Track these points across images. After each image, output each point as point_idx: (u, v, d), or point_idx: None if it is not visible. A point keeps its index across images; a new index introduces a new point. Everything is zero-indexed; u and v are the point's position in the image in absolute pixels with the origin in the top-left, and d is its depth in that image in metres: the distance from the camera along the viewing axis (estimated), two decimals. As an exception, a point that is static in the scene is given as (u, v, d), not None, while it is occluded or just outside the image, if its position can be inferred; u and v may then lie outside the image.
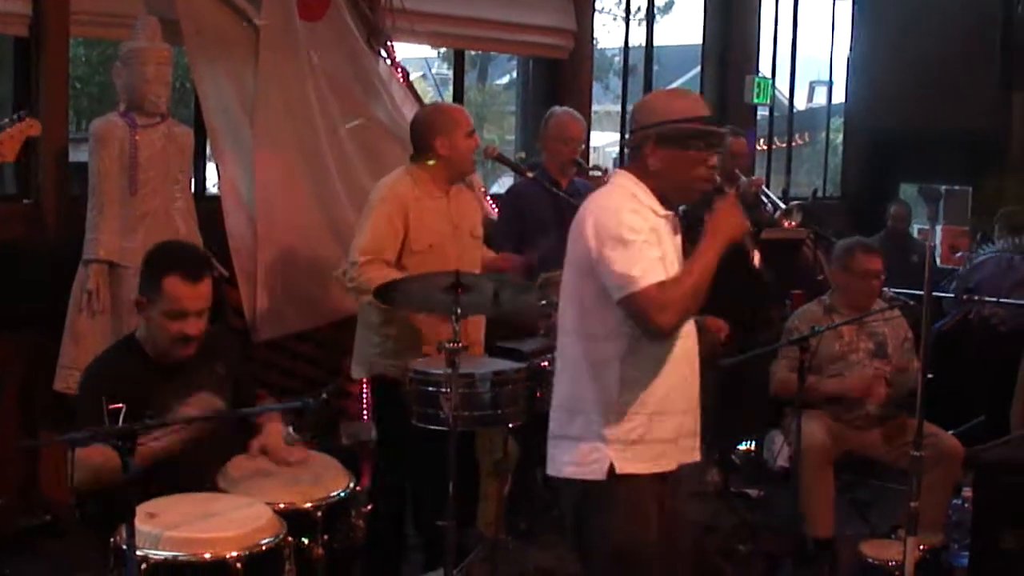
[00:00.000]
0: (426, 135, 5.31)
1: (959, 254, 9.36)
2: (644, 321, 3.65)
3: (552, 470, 3.94)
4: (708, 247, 3.71)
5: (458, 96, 8.80)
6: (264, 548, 3.64)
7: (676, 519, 4.01)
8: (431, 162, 5.28)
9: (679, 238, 3.92)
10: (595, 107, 9.57)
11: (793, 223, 7.69)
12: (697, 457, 3.98)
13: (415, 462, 5.23)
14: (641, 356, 3.75)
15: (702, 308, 3.79)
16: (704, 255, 3.70)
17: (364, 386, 6.45)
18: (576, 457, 3.82)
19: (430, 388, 4.73)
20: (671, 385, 3.82)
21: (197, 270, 4.26)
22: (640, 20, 10.95)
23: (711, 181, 3.79)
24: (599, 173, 6.40)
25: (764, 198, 7.87)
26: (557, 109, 6.72)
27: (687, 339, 3.88)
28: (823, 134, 14.04)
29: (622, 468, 3.74)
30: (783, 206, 7.75)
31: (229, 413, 4.25)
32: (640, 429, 3.76)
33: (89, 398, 4.00)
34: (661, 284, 3.61)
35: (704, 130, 3.77)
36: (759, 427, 7.47)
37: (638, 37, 10.58)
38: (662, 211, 3.80)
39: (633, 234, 3.64)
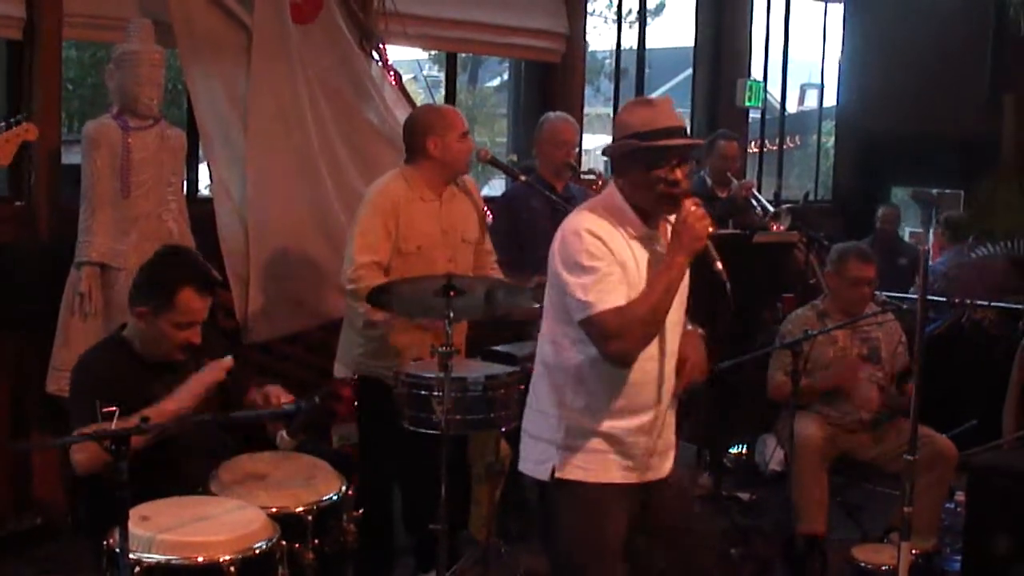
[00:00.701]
0: (419, 136, 5.30)
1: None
2: (600, 347, 3.69)
3: (519, 465, 4.02)
4: (671, 263, 3.71)
5: (450, 99, 8.80)
6: (257, 552, 3.65)
7: (685, 534, 4.05)
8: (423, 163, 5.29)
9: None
10: (586, 110, 9.54)
11: (782, 227, 7.73)
12: (663, 474, 3.98)
13: (405, 465, 5.23)
14: (601, 371, 3.77)
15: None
16: (667, 272, 3.71)
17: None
18: (532, 455, 3.93)
19: (422, 392, 4.73)
20: (628, 405, 3.82)
21: (209, 282, 4.35)
22: (632, 23, 10.94)
23: (675, 192, 3.73)
24: (592, 177, 6.40)
25: (755, 202, 7.89)
26: (551, 114, 6.74)
27: (657, 362, 3.84)
28: (814, 137, 14.05)
29: (561, 472, 3.82)
30: (772, 210, 7.78)
31: (224, 417, 4.25)
32: (584, 439, 3.81)
33: (81, 396, 4.01)
34: (619, 310, 3.64)
35: (642, 147, 3.71)
36: (750, 431, 7.48)
37: (629, 40, 10.58)
38: (640, 231, 3.79)
39: (592, 260, 3.67)
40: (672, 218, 3.80)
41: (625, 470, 3.85)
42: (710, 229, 3.74)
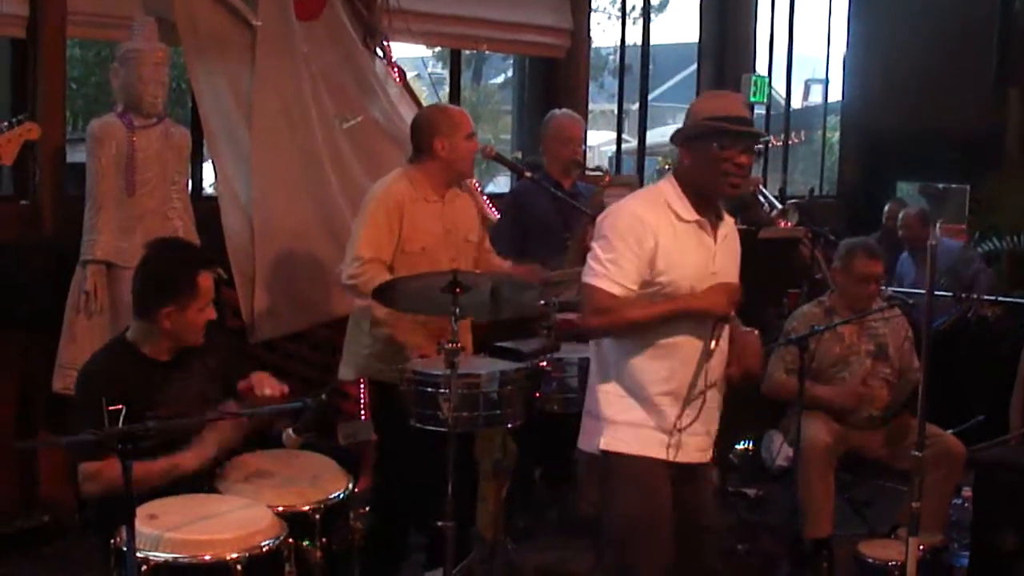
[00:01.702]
0: (426, 135, 5.29)
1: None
2: (582, 312, 3.99)
3: (579, 442, 4.20)
4: (689, 302, 3.92)
5: (454, 96, 8.80)
6: (264, 550, 3.65)
7: (701, 525, 4.16)
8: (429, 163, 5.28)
9: (721, 242, 4.05)
10: (590, 106, 9.55)
11: (790, 223, 7.71)
12: (706, 459, 4.13)
13: (414, 463, 5.22)
14: (644, 349, 3.95)
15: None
16: (679, 304, 3.92)
17: (361, 386, 6.44)
18: (585, 431, 4.12)
19: (429, 389, 4.72)
20: (669, 383, 3.97)
21: (210, 259, 4.48)
22: (636, 19, 10.94)
23: (738, 176, 3.92)
24: (599, 173, 6.39)
25: (761, 198, 7.88)
26: (557, 111, 6.73)
27: (701, 347, 3.97)
28: (819, 133, 14.03)
29: (607, 445, 4.01)
30: (779, 206, 7.76)
31: (234, 414, 4.24)
32: (628, 412, 3.98)
33: (87, 400, 3.99)
34: (614, 296, 3.86)
35: (719, 128, 3.88)
36: (757, 426, 7.46)
37: (634, 36, 10.58)
38: (692, 216, 3.96)
39: (620, 238, 3.89)
40: (724, 215, 4.07)
41: (671, 447, 3.98)
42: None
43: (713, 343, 3.93)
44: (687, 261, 3.93)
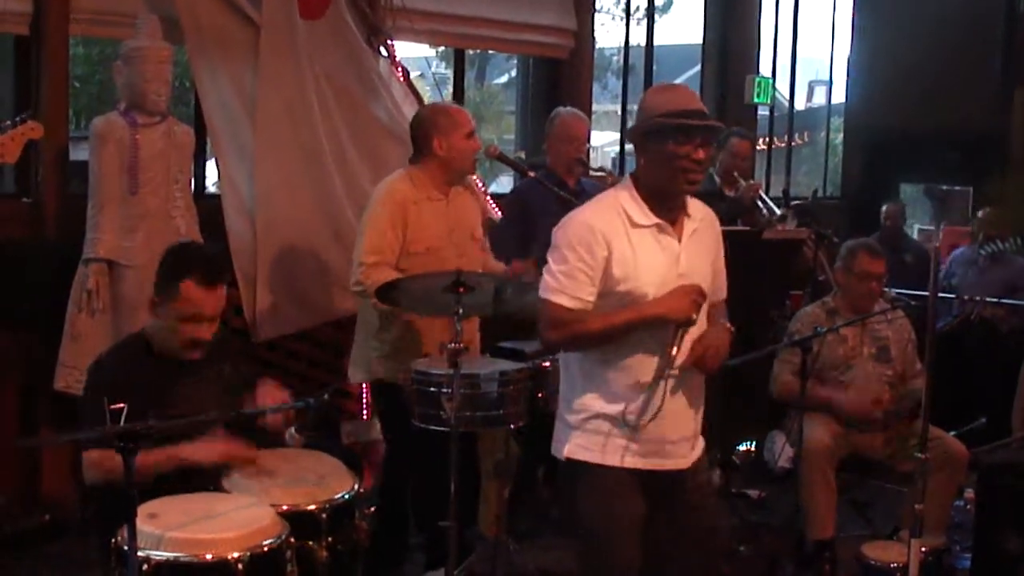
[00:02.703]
0: (424, 134, 5.29)
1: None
2: (539, 327, 3.90)
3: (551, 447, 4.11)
4: (645, 311, 3.80)
5: (458, 95, 8.78)
6: (266, 549, 3.63)
7: (705, 532, 4.09)
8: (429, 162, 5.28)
9: (688, 240, 3.91)
10: (594, 107, 9.53)
11: (788, 228, 7.71)
12: (685, 465, 3.99)
13: (417, 463, 5.22)
14: (605, 354, 3.86)
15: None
16: (638, 312, 3.80)
17: (364, 386, 6.44)
18: (555, 435, 4.04)
19: (432, 389, 4.71)
20: (632, 389, 3.86)
21: (215, 274, 4.26)
22: (640, 19, 10.93)
23: (696, 172, 3.80)
24: (603, 173, 6.39)
25: (760, 203, 7.88)
26: (562, 110, 6.72)
27: (660, 352, 3.85)
28: (823, 134, 14.03)
29: (570, 452, 3.94)
30: (779, 212, 7.77)
31: (234, 414, 4.23)
32: (591, 420, 3.90)
33: (93, 397, 3.99)
34: (570, 310, 3.79)
35: (671, 124, 3.75)
36: (759, 427, 7.46)
37: (638, 36, 10.57)
38: (648, 220, 3.84)
39: (572, 250, 3.80)
40: (691, 209, 3.92)
41: (634, 455, 3.88)
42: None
43: (675, 349, 3.80)
44: (647, 266, 3.80)
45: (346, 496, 4.14)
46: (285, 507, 3.92)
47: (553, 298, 3.80)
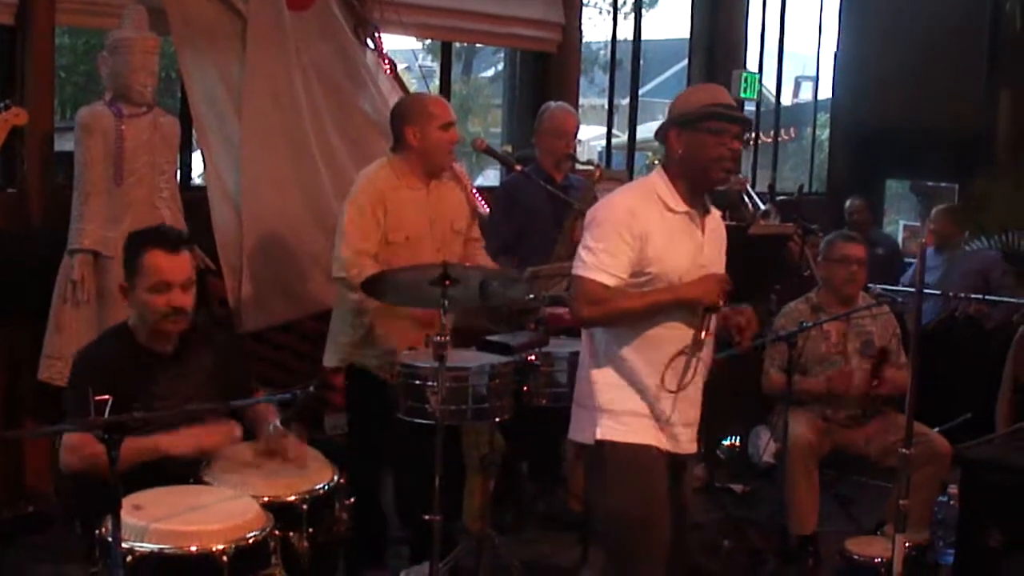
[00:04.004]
0: (399, 124, 5.28)
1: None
2: (573, 304, 4.01)
3: (570, 434, 4.20)
4: (676, 292, 3.95)
5: (444, 89, 8.78)
6: (250, 541, 3.62)
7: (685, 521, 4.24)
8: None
9: (708, 235, 4.09)
10: (581, 101, 9.53)
11: (771, 223, 7.73)
12: (693, 450, 4.16)
13: (399, 455, 5.21)
14: (634, 336, 3.97)
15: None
16: (666, 294, 3.95)
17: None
18: (577, 422, 4.12)
19: (417, 381, 4.71)
20: (660, 367, 3.97)
21: (174, 242, 4.27)
22: (627, 14, 10.93)
23: (730, 161, 4.01)
24: (591, 167, 6.38)
25: (746, 197, 7.89)
26: (552, 104, 6.70)
27: (688, 330, 3.99)
28: (809, 129, 14.05)
29: (603, 435, 4.00)
30: (763, 207, 7.79)
31: (220, 406, 4.22)
32: (623, 401, 4.00)
33: (78, 388, 3.97)
34: (606, 287, 3.89)
35: (712, 112, 3.96)
36: (744, 422, 7.47)
37: (625, 31, 10.57)
38: (681, 207, 4.00)
39: (611, 229, 3.93)
40: (711, 208, 4.12)
41: (660, 436, 4.02)
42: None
43: (703, 333, 3.95)
44: (676, 252, 3.96)
45: (326, 487, 4.13)
46: (266, 498, 3.91)
47: (592, 275, 3.90)
